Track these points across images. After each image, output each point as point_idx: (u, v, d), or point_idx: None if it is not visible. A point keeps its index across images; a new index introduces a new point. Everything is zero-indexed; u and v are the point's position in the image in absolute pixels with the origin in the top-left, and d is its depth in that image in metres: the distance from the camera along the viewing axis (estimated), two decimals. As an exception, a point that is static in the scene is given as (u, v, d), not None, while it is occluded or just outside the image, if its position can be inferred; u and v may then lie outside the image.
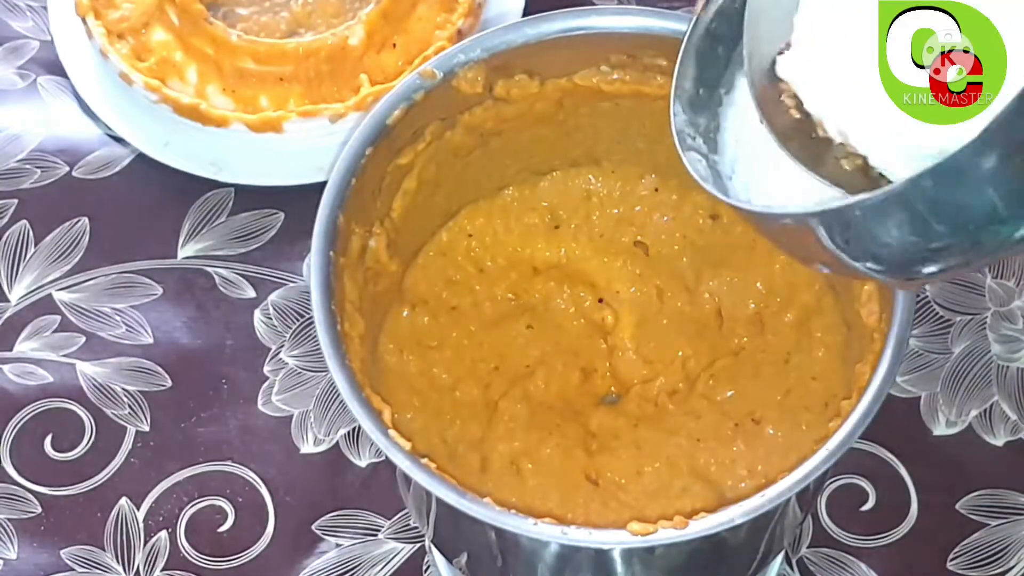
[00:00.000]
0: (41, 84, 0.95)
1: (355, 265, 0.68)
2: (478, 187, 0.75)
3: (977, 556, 0.79)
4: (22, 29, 0.97)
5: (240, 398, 0.84)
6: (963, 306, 0.85)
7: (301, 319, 0.86)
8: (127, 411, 0.84)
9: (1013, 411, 0.82)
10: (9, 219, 0.90)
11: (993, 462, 0.81)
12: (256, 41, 0.89)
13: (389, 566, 0.79)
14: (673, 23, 0.67)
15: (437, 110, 0.69)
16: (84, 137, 0.93)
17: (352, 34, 0.89)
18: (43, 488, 0.82)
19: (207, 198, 0.90)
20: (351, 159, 0.67)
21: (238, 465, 0.82)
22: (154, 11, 0.90)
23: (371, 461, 0.82)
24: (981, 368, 0.84)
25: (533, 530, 0.59)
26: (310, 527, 0.80)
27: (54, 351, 0.86)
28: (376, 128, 0.67)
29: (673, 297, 0.74)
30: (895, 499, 0.80)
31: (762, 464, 0.68)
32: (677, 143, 0.60)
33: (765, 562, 0.70)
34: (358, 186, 0.67)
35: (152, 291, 0.87)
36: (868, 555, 0.79)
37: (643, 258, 0.75)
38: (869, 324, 0.65)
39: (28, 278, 0.88)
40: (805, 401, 0.69)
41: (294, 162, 0.88)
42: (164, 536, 0.80)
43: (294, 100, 0.88)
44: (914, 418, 0.82)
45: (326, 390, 0.84)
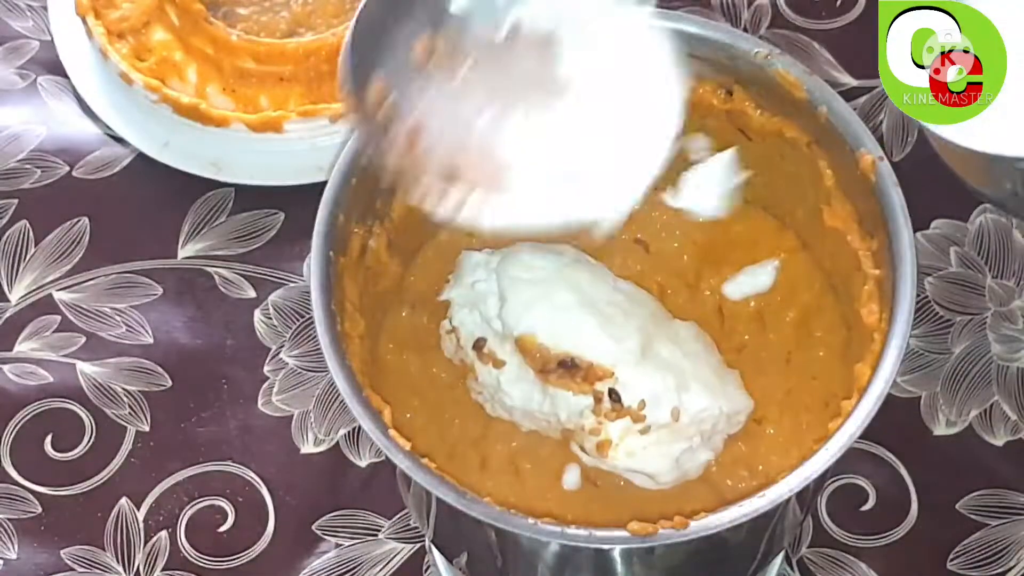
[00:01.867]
0: (41, 84, 0.95)
1: (355, 265, 0.68)
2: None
3: (977, 556, 0.79)
4: (22, 29, 0.97)
5: (240, 398, 0.84)
6: (963, 306, 0.85)
7: (301, 319, 0.86)
8: (127, 411, 0.84)
9: (1013, 411, 0.82)
10: (9, 219, 0.90)
11: (993, 462, 0.81)
12: (256, 41, 0.89)
13: (389, 566, 0.79)
14: (673, 23, 0.67)
15: (437, 110, 0.69)
16: (84, 137, 0.93)
17: (352, 34, 0.89)
18: (43, 488, 0.82)
19: (207, 198, 0.90)
20: (351, 159, 0.66)
21: (238, 465, 0.82)
22: (154, 11, 0.90)
23: (371, 461, 0.82)
24: (981, 368, 0.84)
25: (533, 530, 0.59)
26: (310, 527, 0.80)
27: (54, 351, 0.86)
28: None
29: (673, 295, 0.74)
30: (895, 499, 0.80)
31: (762, 464, 0.68)
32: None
33: (765, 562, 0.70)
34: (358, 186, 0.67)
35: (152, 291, 0.87)
36: (868, 555, 0.79)
37: (643, 255, 0.75)
38: (869, 324, 0.65)
39: (28, 278, 0.88)
40: (805, 401, 0.69)
41: (294, 162, 0.88)
42: (164, 536, 0.80)
43: (294, 100, 0.88)
44: (914, 418, 0.82)
45: (326, 390, 0.84)
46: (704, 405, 0.65)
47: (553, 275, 0.67)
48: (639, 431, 0.65)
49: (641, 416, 0.64)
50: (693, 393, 0.65)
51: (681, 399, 0.65)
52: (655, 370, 0.65)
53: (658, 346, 0.66)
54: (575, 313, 0.66)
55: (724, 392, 0.66)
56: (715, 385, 0.66)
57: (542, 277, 0.67)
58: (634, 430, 0.65)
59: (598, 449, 0.65)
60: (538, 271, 0.67)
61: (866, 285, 0.66)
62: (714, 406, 0.65)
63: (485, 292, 0.68)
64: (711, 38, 0.68)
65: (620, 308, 0.67)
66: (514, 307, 0.66)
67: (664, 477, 0.65)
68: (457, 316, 0.69)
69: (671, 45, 0.62)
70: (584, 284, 0.67)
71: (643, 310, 0.68)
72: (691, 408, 0.65)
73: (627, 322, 0.66)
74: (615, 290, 0.68)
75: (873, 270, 0.66)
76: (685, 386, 0.65)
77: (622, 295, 0.68)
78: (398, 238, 0.71)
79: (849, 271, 0.68)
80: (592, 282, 0.68)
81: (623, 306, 0.67)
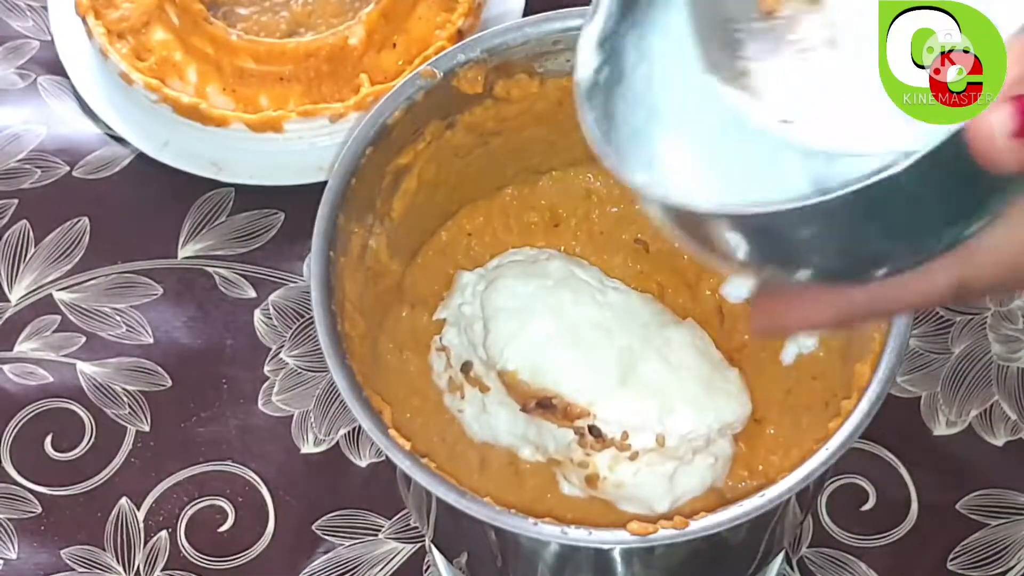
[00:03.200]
0: (41, 84, 0.95)
1: (355, 265, 0.68)
2: (478, 187, 0.75)
3: (977, 556, 0.79)
4: (22, 29, 0.97)
5: (240, 398, 0.84)
6: (963, 306, 0.85)
7: (301, 319, 0.86)
8: (127, 411, 0.84)
9: (1013, 411, 0.82)
10: (9, 219, 0.90)
11: (993, 462, 0.81)
12: (256, 41, 0.89)
13: (389, 566, 0.79)
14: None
15: (437, 110, 0.69)
16: (84, 137, 0.93)
17: (352, 34, 0.89)
18: (43, 488, 0.82)
19: (207, 198, 0.90)
20: (351, 159, 0.66)
21: (238, 465, 0.82)
22: (154, 11, 0.90)
23: (371, 461, 0.82)
24: (981, 368, 0.84)
25: (533, 530, 0.59)
26: (310, 527, 0.80)
27: (54, 351, 0.86)
28: (376, 128, 0.67)
29: (674, 294, 0.74)
30: (895, 499, 0.80)
31: (762, 464, 0.68)
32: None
33: (765, 562, 0.70)
34: (358, 186, 0.67)
35: (152, 291, 0.87)
36: (868, 555, 0.79)
37: (643, 255, 0.75)
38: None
39: (28, 278, 0.88)
40: (806, 400, 0.69)
41: (294, 162, 0.88)
42: (164, 536, 0.80)
43: (294, 100, 0.88)
44: (914, 418, 0.82)
45: (326, 390, 0.84)
46: (689, 428, 0.65)
47: (535, 302, 0.67)
48: (627, 457, 0.65)
49: (626, 446, 0.65)
50: (678, 416, 0.65)
51: (665, 424, 0.65)
52: (636, 399, 0.65)
53: (642, 367, 0.66)
54: (554, 345, 0.66)
55: (714, 405, 0.66)
56: (702, 401, 0.66)
57: (524, 305, 0.67)
58: (622, 457, 0.65)
59: (587, 483, 0.65)
60: (522, 298, 0.67)
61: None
62: (701, 425, 0.65)
63: (471, 317, 0.68)
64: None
65: (604, 329, 0.67)
66: (496, 340, 0.66)
67: (660, 504, 0.65)
68: (447, 336, 0.69)
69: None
70: (567, 307, 0.67)
71: (632, 322, 0.68)
72: (676, 432, 0.65)
73: (610, 344, 0.66)
74: (602, 306, 0.68)
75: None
76: (669, 408, 0.65)
77: (609, 311, 0.68)
78: (398, 238, 0.71)
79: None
80: (576, 303, 0.67)
81: (608, 324, 0.67)
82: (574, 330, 0.66)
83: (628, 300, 0.69)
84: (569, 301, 0.67)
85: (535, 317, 0.67)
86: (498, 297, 0.67)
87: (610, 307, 0.68)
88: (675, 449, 0.65)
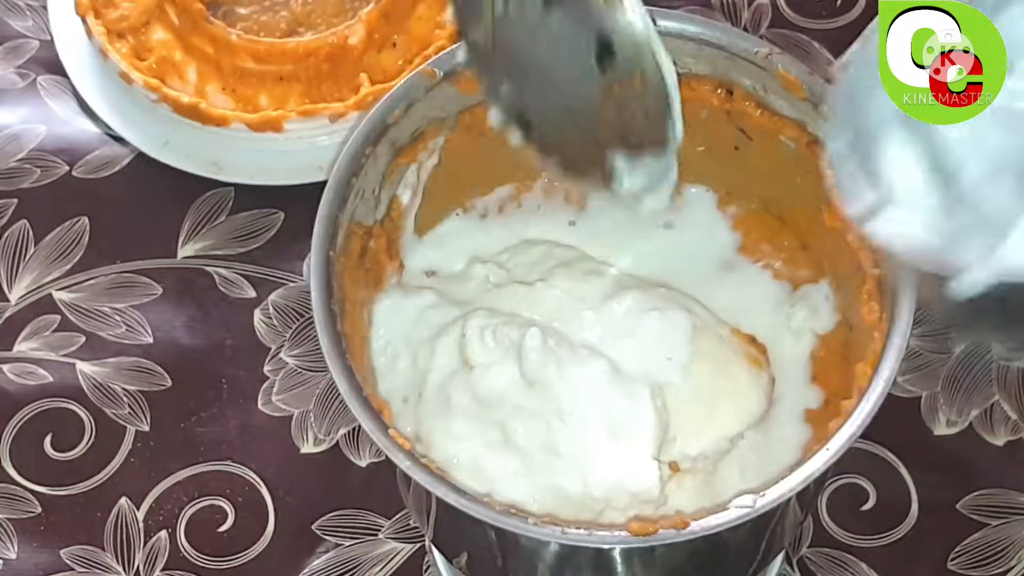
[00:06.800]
0: (41, 84, 0.95)
1: (355, 265, 0.68)
2: (477, 186, 0.75)
3: (977, 556, 0.79)
4: (22, 28, 0.97)
5: (240, 398, 0.84)
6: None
7: (301, 319, 0.86)
8: (127, 411, 0.84)
9: (1013, 411, 0.82)
10: (9, 219, 0.90)
11: (993, 462, 0.81)
12: (256, 40, 0.89)
13: (389, 566, 0.79)
14: (672, 22, 0.67)
15: (437, 110, 0.69)
16: (84, 137, 0.93)
17: (352, 33, 0.89)
18: (43, 488, 0.82)
19: (207, 198, 0.90)
20: (351, 159, 0.67)
21: (238, 465, 0.82)
22: (154, 10, 0.90)
23: (371, 461, 0.82)
24: (981, 368, 0.84)
25: (533, 530, 0.59)
26: (310, 527, 0.80)
27: (54, 351, 0.86)
28: (376, 128, 0.67)
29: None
30: (895, 499, 0.80)
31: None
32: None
33: (765, 562, 0.70)
34: (358, 186, 0.67)
35: (152, 291, 0.87)
36: (868, 555, 0.79)
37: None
38: (870, 323, 0.65)
39: (28, 278, 0.88)
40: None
41: (294, 162, 0.88)
42: (164, 536, 0.80)
43: (294, 99, 0.88)
44: (914, 418, 0.82)
45: (326, 390, 0.84)
46: (696, 450, 0.66)
47: (450, 378, 0.67)
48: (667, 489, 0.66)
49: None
50: (679, 443, 0.67)
51: (671, 453, 0.66)
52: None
53: (556, 438, 0.65)
54: (471, 444, 0.66)
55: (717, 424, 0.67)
56: (702, 422, 0.67)
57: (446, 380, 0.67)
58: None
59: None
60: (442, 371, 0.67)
61: (866, 285, 0.66)
62: (707, 447, 0.67)
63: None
64: (711, 38, 0.68)
65: (524, 411, 0.66)
66: (424, 422, 0.67)
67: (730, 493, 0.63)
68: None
69: None
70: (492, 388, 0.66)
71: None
72: (685, 455, 0.67)
73: (528, 435, 0.65)
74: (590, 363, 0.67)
75: (873, 270, 0.66)
76: (671, 438, 0.66)
77: (536, 384, 0.66)
78: (398, 238, 0.71)
79: (849, 271, 0.68)
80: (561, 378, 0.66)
81: (529, 403, 0.66)
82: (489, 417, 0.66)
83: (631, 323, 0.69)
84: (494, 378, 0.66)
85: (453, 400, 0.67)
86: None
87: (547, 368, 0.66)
88: (692, 468, 0.66)
